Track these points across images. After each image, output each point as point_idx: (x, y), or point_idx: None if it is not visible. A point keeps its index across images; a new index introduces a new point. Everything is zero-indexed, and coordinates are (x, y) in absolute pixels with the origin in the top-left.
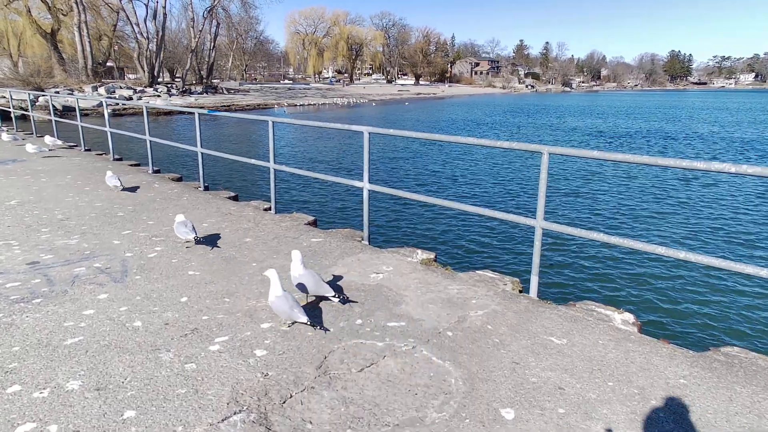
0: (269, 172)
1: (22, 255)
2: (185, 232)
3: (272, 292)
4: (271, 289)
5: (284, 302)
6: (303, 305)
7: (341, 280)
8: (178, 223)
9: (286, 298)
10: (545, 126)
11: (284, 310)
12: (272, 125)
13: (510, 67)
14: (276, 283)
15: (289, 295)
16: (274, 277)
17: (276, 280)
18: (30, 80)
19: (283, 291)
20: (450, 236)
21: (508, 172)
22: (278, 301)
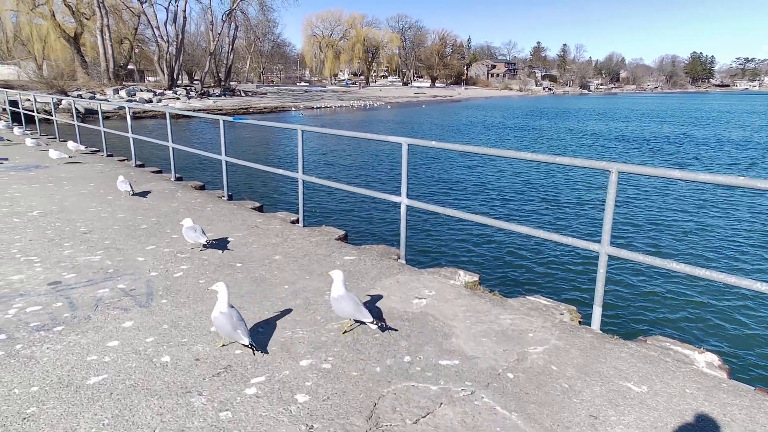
0: (296, 182)
1: (44, 273)
2: (195, 236)
3: (217, 308)
4: (217, 305)
5: (227, 319)
6: (344, 332)
7: (382, 306)
8: (186, 228)
9: (230, 316)
10: (566, 130)
11: (227, 330)
12: (301, 134)
13: (527, 70)
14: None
15: (233, 313)
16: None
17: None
18: (53, 83)
19: (228, 308)
20: (493, 257)
21: (559, 189)
22: (222, 317)
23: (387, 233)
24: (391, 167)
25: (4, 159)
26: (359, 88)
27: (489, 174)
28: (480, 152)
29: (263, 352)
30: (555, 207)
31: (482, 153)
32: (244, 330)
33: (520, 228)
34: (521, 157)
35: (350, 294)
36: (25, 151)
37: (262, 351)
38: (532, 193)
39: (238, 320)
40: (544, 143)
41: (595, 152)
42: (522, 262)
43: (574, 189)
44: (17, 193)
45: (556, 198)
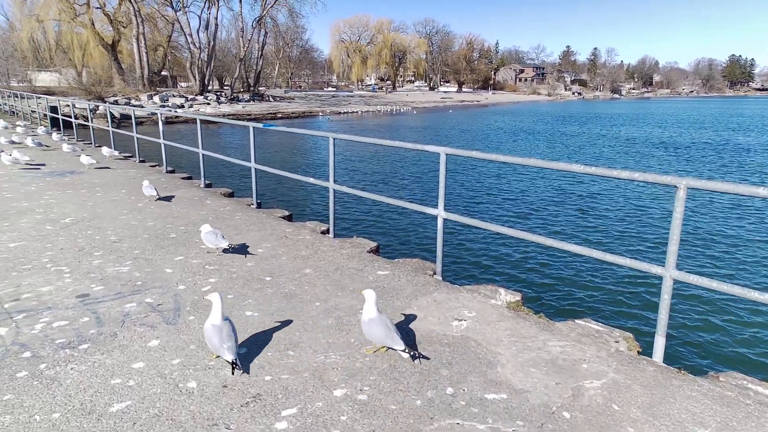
0: (326, 191)
1: (72, 285)
2: (216, 241)
3: (209, 319)
4: (210, 316)
5: (215, 333)
6: (374, 351)
7: (419, 328)
8: (205, 233)
9: (219, 329)
10: (599, 136)
11: (214, 343)
12: (333, 142)
13: (555, 74)
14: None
15: (224, 325)
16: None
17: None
18: (91, 89)
19: (221, 320)
20: (536, 275)
21: (613, 204)
22: (211, 330)
23: (421, 246)
24: (426, 177)
25: (41, 164)
26: (386, 93)
27: (533, 186)
28: (526, 164)
29: (244, 371)
30: (608, 224)
31: (528, 164)
32: (231, 346)
33: (568, 246)
34: (573, 170)
35: (383, 317)
36: (62, 156)
37: (244, 371)
38: (581, 207)
39: (228, 334)
40: (576, 150)
41: (633, 160)
42: (568, 282)
43: (630, 204)
44: (52, 199)
45: (609, 214)
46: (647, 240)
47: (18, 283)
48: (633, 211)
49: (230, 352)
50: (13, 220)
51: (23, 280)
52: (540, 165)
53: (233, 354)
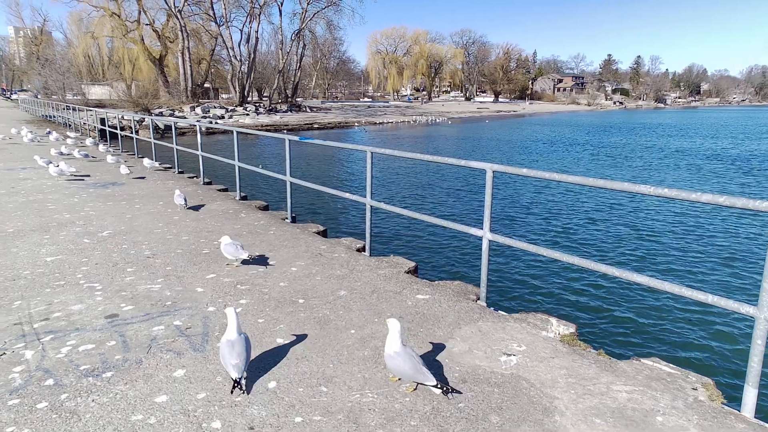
0: (363, 207)
1: (103, 304)
2: (236, 252)
3: (225, 334)
4: (226, 331)
5: (227, 349)
6: (412, 390)
7: (463, 362)
8: (225, 245)
9: (232, 345)
10: (645, 147)
11: (224, 359)
12: (371, 156)
13: (596, 83)
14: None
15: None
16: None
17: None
18: (139, 102)
19: (237, 335)
20: (592, 306)
21: (683, 229)
22: (224, 346)
23: (461, 267)
24: (468, 194)
25: (86, 176)
26: (421, 104)
27: (589, 206)
28: (585, 183)
29: (245, 392)
30: (680, 251)
31: (588, 185)
32: (237, 363)
33: (635, 277)
34: (640, 192)
35: (407, 350)
36: (106, 167)
37: (246, 391)
38: (648, 231)
39: (239, 352)
40: (623, 163)
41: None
42: (630, 314)
43: (711, 231)
44: (92, 211)
45: (682, 240)
46: (732, 273)
47: (50, 300)
48: (714, 239)
49: (235, 370)
50: (54, 233)
51: (55, 297)
52: (601, 185)
53: (238, 373)
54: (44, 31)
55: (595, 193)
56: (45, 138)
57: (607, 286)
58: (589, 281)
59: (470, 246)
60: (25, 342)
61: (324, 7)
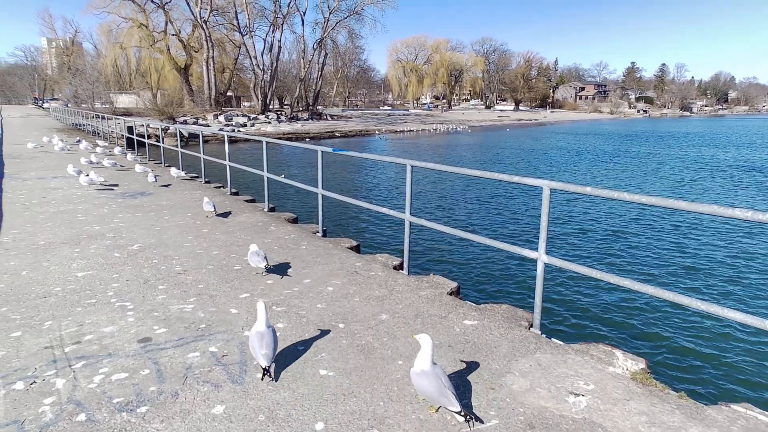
0: (398, 222)
1: (135, 326)
2: (257, 260)
3: (254, 326)
4: (255, 323)
5: (257, 340)
6: (435, 411)
7: (526, 403)
8: (251, 253)
9: (261, 336)
10: (676, 157)
11: (253, 349)
12: (411, 170)
13: (619, 91)
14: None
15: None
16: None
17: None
18: (164, 110)
19: (265, 327)
20: (661, 337)
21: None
22: (253, 337)
23: (506, 289)
24: (513, 211)
25: (114, 185)
26: (441, 112)
27: (652, 228)
28: (648, 203)
29: (274, 379)
30: (763, 280)
31: (653, 204)
32: (267, 353)
33: (711, 308)
34: (724, 215)
35: (436, 370)
36: (134, 177)
37: (274, 379)
38: (724, 255)
39: (267, 343)
40: (653, 174)
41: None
42: (706, 349)
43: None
44: (122, 223)
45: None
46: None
47: (81, 320)
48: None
49: (265, 359)
50: (84, 246)
51: (87, 317)
52: (673, 206)
53: (267, 361)
54: (75, 41)
55: (660, 213)
56: (75, 146)
57: (677, 316)
58: (655, 310)
59: (516, 267)
60: (56, 369)
61: (346, 17)
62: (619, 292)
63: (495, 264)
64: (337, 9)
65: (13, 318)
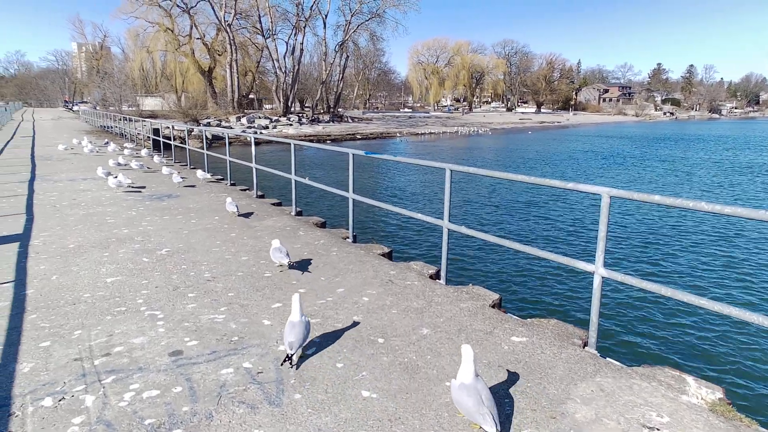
0: (432, 228)
1: (165, 337)
2: (280, 257)
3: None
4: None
5: (289, 328)
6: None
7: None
8: (273, 249)
9: (293, 326)
10: (711, 162)
11: (285, 338)
12: (450, 174)
13: (644, 93)
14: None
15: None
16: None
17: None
18: (189, 113)
19: (299, 317)
20: (733, 359)
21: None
22: (287, 326)
23: (555, 302)
24: (564, 219)
25: (142, 187)
26: (462, 114)
27: (720, 240)
28: (714, 210)
29: (294, 366)
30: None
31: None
32: (291, 341)
33: None
34: None
35: (479, 384)
36: (161, 179)
37: (294, 366)
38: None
39: (298, 332)
40: (687, 179)
41: None
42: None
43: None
44: (150, 226)
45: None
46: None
47: (111, 330)
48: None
49: (290, 347)
50: (113, 250)
51: (117, 326)
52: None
53: (291, 349)
54: (104, 46)
55: (733, 224)
56: (103, 148)
57: (751, 337)
58: (723, 330)
59: (563, 279)
60: (85, 384)
61: (367, 19)
62: (683, 309)
63: (538, 275)
64: (358, 12)
65: (43, 326)
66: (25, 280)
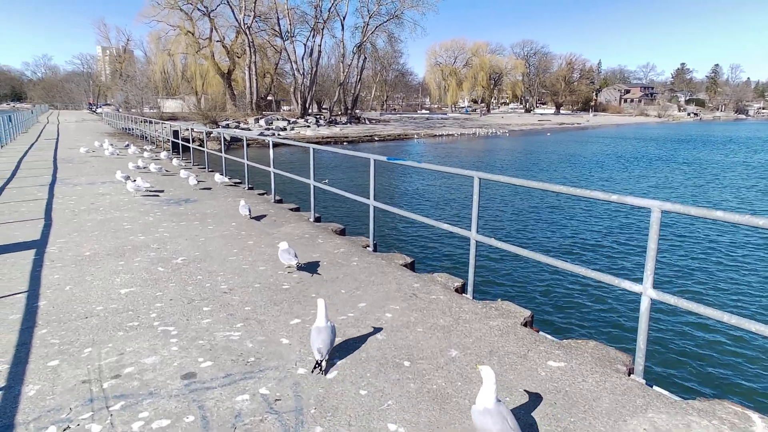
0: (456, 237)
1: (178, 357)
2: (288, 258)
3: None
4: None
5: (315, 334)
6: None
7: None
8: (282, 251)
9: (319, 331)
10: (751, 167)
11: (312, 343)
12: (478, 183)
13: (667, 93)
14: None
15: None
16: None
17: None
18: (208, 114)
19: (325, 322)
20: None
21: None
22: (313, 332)
23: (591, 321)
24: (605, 233)
25: (160, 191)
26: (480, 116)
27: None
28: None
29: (323, 373)
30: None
31: None
32: (321, 348)
33: None
34: None
35: (501, 408)
36: (179, 182)
37: (323, 372)
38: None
39: (323, 339)
40: (729, 185)
41: None
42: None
43: None
44: (166, 232)
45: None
46: None
47: (122, 348)
48: None
49: (318, 354)
50: (128, 258)
51: (128, 344)
52: None
53: (320, 355)
54: (127, 49)
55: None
56: (124, 151)
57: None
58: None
59: (601, 297)
60: (92, 410)
61: (386, 21)
62: (742, 336)
63: (571, 292)
64: (376, 13)
65: (52, 342)
66: (38, 291)
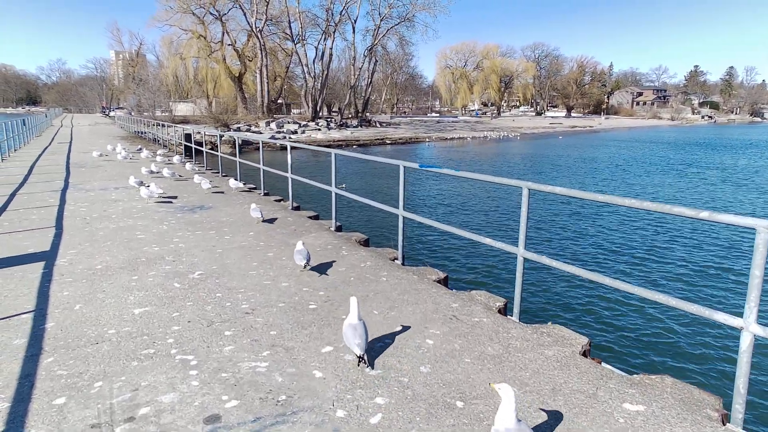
0: (497, 252)
1: (200, 394)
2: (299, 259)
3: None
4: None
5: (351, 331)
6: None
7: None
8: (296, 251)
9: (355, 328)
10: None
11: (348, 339)
12: (527, 193)
13: (680, 96)
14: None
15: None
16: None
17: None
18: (219, 118)
19: (358, 320)
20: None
21: None
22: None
23: (653, 352)
24: (680, 252)
25: (173, 197)
26: (491, 119)
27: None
28: None
29: (369, 366)
30: None
31: None
32: (360, 342)
33: None
34: None
35: (522, 428)
36: (193, 188)
37: (369, 366)
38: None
39: (360, 334)
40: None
41: None
42: None
43: None
44: (181, 243)
45: None
46: None
47: (137, 382)
48: None
49: (359, 348)
50: (142, 272)
51: (143, 376)
52: None
53: (361, 350)
54: (140, 53)
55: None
56: (136, 155)
57: None
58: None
59: (672, 326)
60: None
61: (397, 23)
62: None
63: (630, 317)
64: (388, 16)
65: (59, 374)
66: (46, 311)
